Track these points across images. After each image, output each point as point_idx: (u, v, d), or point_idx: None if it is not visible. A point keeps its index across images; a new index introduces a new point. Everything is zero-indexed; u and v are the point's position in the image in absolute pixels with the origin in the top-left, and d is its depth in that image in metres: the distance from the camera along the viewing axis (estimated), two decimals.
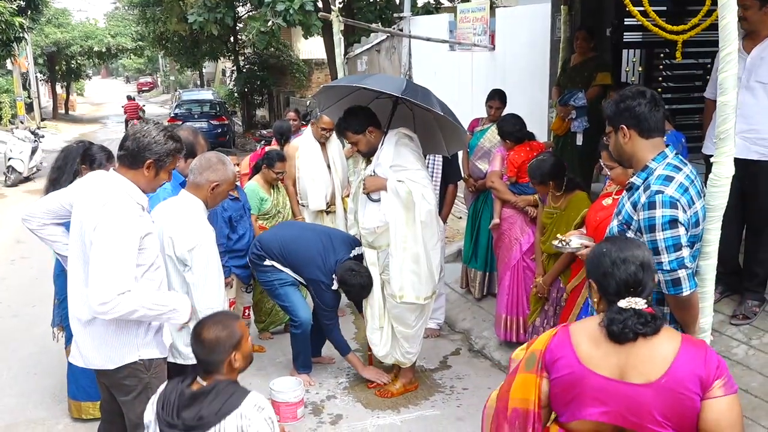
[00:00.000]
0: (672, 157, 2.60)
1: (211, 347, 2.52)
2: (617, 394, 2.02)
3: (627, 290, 2.07)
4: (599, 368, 2.04)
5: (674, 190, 2.48)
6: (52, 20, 29.42)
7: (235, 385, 2.57)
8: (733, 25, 2.43)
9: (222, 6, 15.04)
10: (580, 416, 2.08)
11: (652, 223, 2.46)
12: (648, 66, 6.93)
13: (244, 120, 24.24)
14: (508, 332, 5.11)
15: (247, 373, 4.94)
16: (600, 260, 2.15)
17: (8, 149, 14.41)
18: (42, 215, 3.25)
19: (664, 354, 2.01)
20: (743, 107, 4.09)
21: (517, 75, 8.11)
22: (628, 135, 2.62)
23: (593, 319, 2.17)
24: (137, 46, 31.59)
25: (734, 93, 2.49)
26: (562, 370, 2.09)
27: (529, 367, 2.17)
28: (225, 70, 30.44)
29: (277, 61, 22.83)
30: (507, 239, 5.12)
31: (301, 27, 13.47)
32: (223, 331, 2.53)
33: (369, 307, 4.59)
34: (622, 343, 2.02)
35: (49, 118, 30.28)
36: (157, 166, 2.89)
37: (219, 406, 2.44)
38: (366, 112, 4.40)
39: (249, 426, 2.42)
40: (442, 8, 14.75)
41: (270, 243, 4.75)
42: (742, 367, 3.99)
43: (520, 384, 2.17)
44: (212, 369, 2.55)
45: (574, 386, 2.07)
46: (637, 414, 2.00)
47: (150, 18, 21.43)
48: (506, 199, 5.07)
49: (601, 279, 2.13)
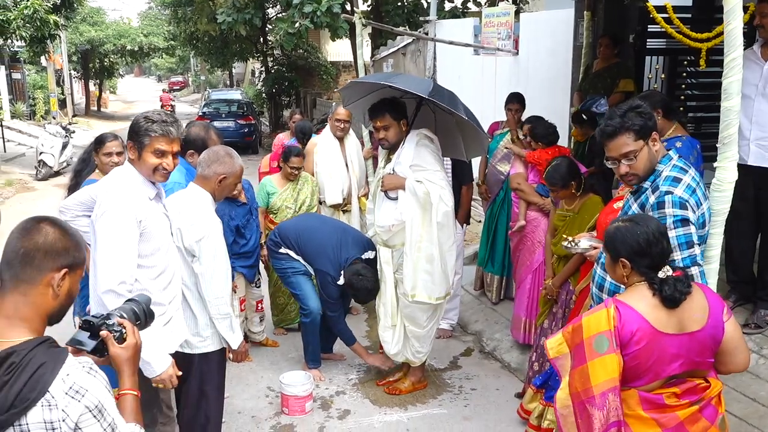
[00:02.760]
0: (676, 159, 2.64)
1: (28, 250, 1.73)
2: (686, 345, 2.31)
3: (661, 262, 2.35)
4: (668, 329, 2.30)
5: (683, 191, 2.52)
6: (86, 19, 29.93)
7: (44, 345, 1.66)
8: (738, 30, 2.44)
9: (251, 7, 15.21)
10: (664, 374, 2.32)
11: (663, 222, 2.49)
12: (671, 73, 6.87)
13: (271, 120, 24.42)
14: (527, 334, 5.09)
15: (259, 367, 5.09)
16: (630, 240, 2.37)
17: (40, 144, 14.75)
18: (75, 207, 3.35)
19: (702, 303, 2.36)
20: (760, 115, 4.07)
21: (540, 80, 8.11)
22: (657, 141, 2.68)
23: (636, 291, 2.38)
24: (169, 45, 31.96)
25: (738, 98, 2.50)
26: (642, 340, 2.28)
27: (602, 349, 2.29)
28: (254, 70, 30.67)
29: (305, 63, 23.00)
30: (530, 242, 5.10)
31: (328, 29, 13.56)
32: (68, 237, 1.80)
33: (381, 305, 4.63)
34: (678, 306, 2.31)
35: (82, 115, 30.84)
36: (137, 148, 2.89)
37: (18, 389, 1.58)
38: (403, 105, 4.43)
39: (64, 420, 1.61)
40: (469, 13, 14.75)
41: (288, 231, 4.90)
42: (751, 376, 3.96)
43: (601, 368, 2.27)
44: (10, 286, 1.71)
45: (655, 350, 2.29)
46: (700, 354, 2.35)
47: (181, 18, 21.71)
48: (533, 201, 5.06)
49: (634, 257, 2.36)
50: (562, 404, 2.43)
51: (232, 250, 4.81)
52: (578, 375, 2.33)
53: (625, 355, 2.29)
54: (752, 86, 4.12)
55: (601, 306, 2.39)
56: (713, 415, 2.40)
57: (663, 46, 6.70)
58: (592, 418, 2.27)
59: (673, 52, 6.60)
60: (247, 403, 4.63)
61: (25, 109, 25.07)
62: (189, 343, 3.35)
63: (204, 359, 3.40)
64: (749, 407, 3.76)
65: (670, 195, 2.51)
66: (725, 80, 2.51)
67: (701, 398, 2.37)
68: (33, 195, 12.66)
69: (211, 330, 3.37)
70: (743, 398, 3.82)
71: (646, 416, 2.32)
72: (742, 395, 3.84)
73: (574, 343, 2.37)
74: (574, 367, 2.35)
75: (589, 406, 2.27)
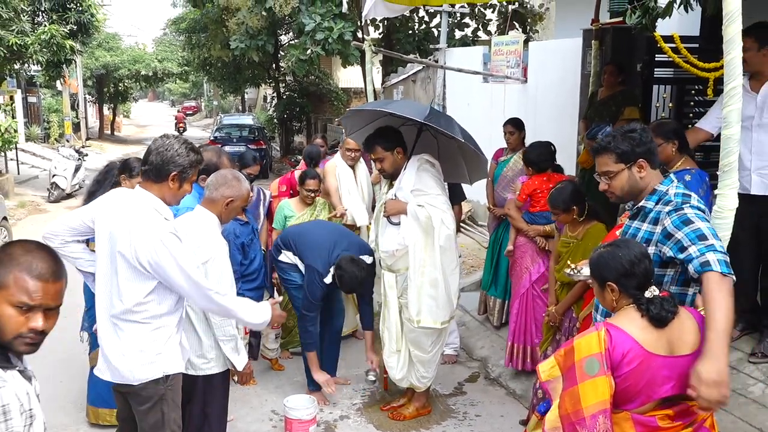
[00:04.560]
0: (677, 182, 2.67)
1: None
2: (678, 367, 2.32)
3: (647, 282, 2.38)
4: (658, 350, 2.31)
5: (696, 202, 2.56)
6: (102, 44, 30.34)
7: None
8: (738, 60, 2.48)
9: (263, 33, 15.44)
10: (656, 396, 2.33)
11: (685, 219, 2.49)
12: (679, 102, 6.90)
13: (281, 145, 24.61)
14: (514, 359, 5.12)
15: (264, 390, 5.09)
16: (614, 264, 2.40)
17: (53, 166, 14.93)
18: (64, 233, 3.28)
19: (692, 326, 2.38)
20: (758, 145, 4.10)
21: (548, 108, 8.17)
22: (644, 168, 2.68)
23: (625, 314, 2.39)
24: (183, 71, 32.35)
25: (738, 126, 2.53)
26: (633, 362, 2.29)
27: (593, 371, 2.30)
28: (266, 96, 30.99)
29: (316, 89, 23.21)
30: (518, 267, 5.16)
31: (340, 56, 13.76)
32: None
33: (386, 330, 4.63)
34: (666, 325, 2.33)
35: (95, 138, 31.14)
36: (180, 178, 2.97)
37: None
38: (396, 133, 4.48)
39: None
40: (479, 41, 14.91)
41: (288, 232, 5.02)
42: (758, 406, 3.93)
43: (591, 390, 2.28)
44: None
45: (646, 372, 2.30)
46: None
47: (195, 44, 22.01)
48: (519, 227, 5.12)
49: (621, 279, 2.39)
50: (551, 426, 2.43)
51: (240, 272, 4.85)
52: (569, 397, 2.33)
53: (616, 377, 2.29)
54: (748, 118, 4.18)
55: (592, 329, 2.40)
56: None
57: (671, 75, 6.74)
58: None
59: (681, 81, 6.63)
60: (251, 426, 4.62)
61: (40, 132, 25.35)
62: (193, 364, 3.37)
63: (207, 381, 3.42)
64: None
65: (687, 204, 2.54)
66: (725, 109, 2.54)
67: (694, 420, 2.37)
68: (45, 217, 12.76)
69: (216, 352, 3.39)
70: (750, 428, 3.78)
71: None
72: (748, 425, 3.81)
73: (566, 366, 2.37)
74: (565, 389, 2.36)
75: (579, 427, 2.27)
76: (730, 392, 3.99)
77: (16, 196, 14.43)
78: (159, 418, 3.01)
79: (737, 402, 3.99)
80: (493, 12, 15.21)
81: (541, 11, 15.17)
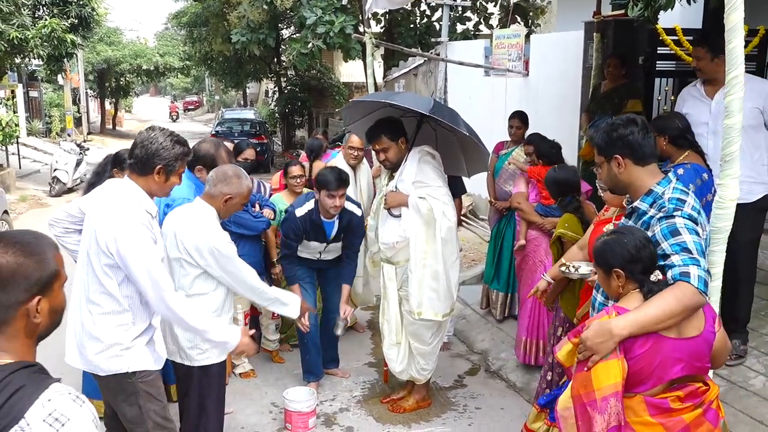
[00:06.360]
0: (675, 182, 2.61)
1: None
2: (687, 349, 2.35)
3: (652, 266, 2.41)
4: (668, 332, 2.33)
5: (690, 209, 2.50)
6: (104, 38, 30.27)
7: (28, 371, 1.52)
8: (740, 49, 2.45)
9: (265, 27, 15.38)
10: (667, 378, 2.35)
11: (673, 229, 2.45)
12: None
13: (283, 140, 24.58)
14: (527, 355, 5.09)
15: (264, 383, 5.08)
16: (620, 250, 2.43)
17: (54, 161, 14.93)
18: (65, 220, 3.35)
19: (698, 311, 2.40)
20: (714, 152, 3.95)
21: (550, 101, 8.14)
22: (623, 164, 2.62)
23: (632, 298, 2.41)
24: (184, 65, 32.25)
25: (740, 116, 2.50)
26: (645, 344, 2.32)
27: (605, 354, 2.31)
28: (268, 90, 30.94)
29: (318, 84, 23.18)
30: (531, 261, 5.11)
31: (341, 50, 13.72)
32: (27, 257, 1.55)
33: (386, 322, 4.62)
34: None
35: (96, 133, 31.11)
36: (166, 171, 2.95)
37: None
38: (400, 123, 4.46)
39: None
40: (480, 35, 14.86)
41: None
42: (758, 399, 3.92)
43: (604, 372, 2.30)
44: None
45: (658, 354, 2.33)
46: (699, 359, 2.39)
47: (197, 38, 21.97)
48: (532, 220, 5.07)
49: (627, 265, 2.41)
50: (563, 405, 2.46)
51: None
52: (581, 378, 2.35)
53: (629, 359, 2.31)
54: (703, 125, 4.16)
55: (602, 313, 2.42)
56: (715, 418, 2.42)
57: (673, 67, 6.72)
58: (592, 420, 2.28)
59: (683, 73, 6.60)
60: (251, 419, 4.62)
61: (41, 126, 25.37)
62: (188, 355, 3.36)
63: (203, 372, 3.40)
64: (756, 429, 3.71)
65: (679, 211, 2.49)
66: (727, 98, 2.52)
67: (702, 401, 2.40)
68: (46, 211, 12.75)
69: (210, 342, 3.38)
70: (750, 420, 3.77)
71: (653, 422, 2.34)
72: (748, 417, 3.79)
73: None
74: (578, 371, 2.38)
75: (590, 408, 2.29)
76: (731, 385, 4.00)
77: (18, 190, 14.43)
78: (137, 413, 2.99)
79: (738, 395, 3.98)
80: (495, 5, 15.16)
81: (543, 4, 15.12)
